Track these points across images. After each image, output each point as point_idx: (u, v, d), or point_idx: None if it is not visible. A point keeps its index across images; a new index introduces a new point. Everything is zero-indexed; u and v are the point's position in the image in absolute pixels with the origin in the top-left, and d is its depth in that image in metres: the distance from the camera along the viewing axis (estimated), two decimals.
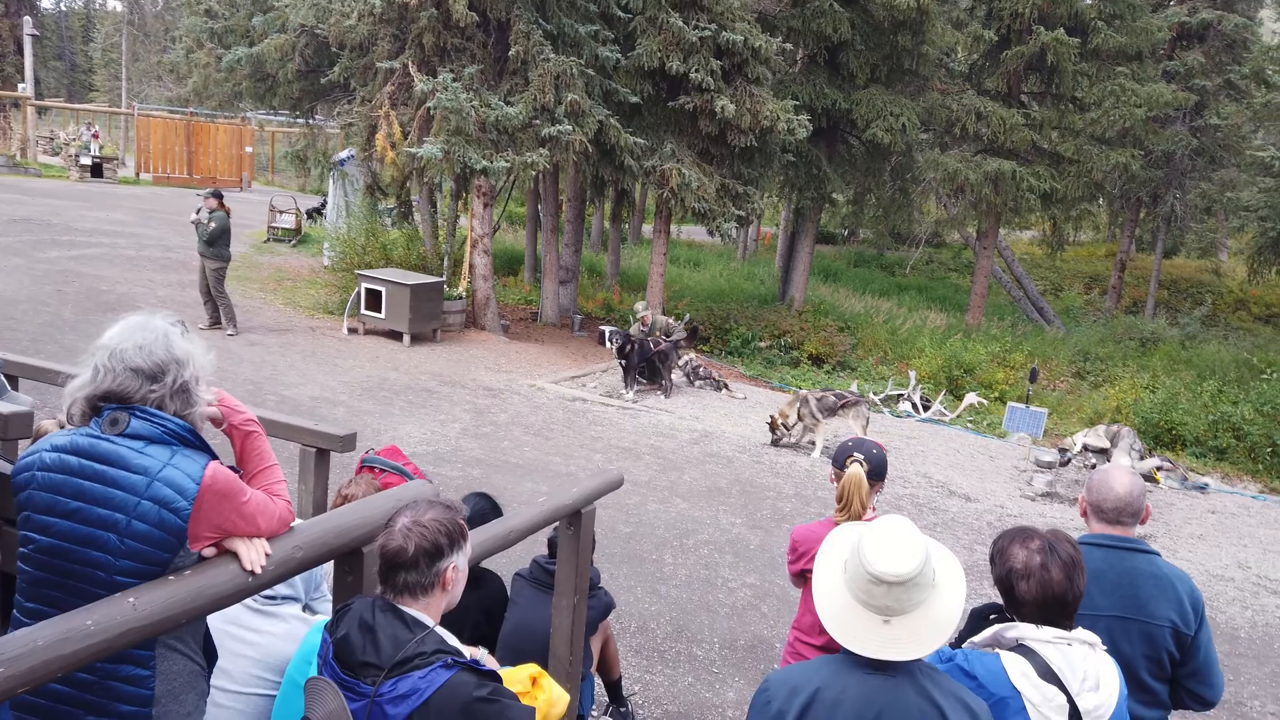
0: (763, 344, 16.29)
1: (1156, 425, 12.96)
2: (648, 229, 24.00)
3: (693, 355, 13.93)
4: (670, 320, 13.41)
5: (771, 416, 10.71)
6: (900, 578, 2.06)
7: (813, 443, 10.52)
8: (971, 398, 13.81)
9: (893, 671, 2.05)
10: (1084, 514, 3.10)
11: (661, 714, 4.72)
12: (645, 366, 12.33)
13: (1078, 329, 19.92)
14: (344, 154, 18.61)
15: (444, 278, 14.57)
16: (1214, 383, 13.67)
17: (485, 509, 3.54)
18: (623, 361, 12.12)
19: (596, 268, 21.87)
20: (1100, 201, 21.81)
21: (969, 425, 13.34)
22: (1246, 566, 8.38)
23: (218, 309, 11.98)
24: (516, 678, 2.27)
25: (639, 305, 13.65)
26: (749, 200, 14.80)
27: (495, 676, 2.07)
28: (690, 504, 8.14)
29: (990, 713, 2.12)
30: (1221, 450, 12.39)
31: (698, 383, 13.29)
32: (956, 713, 2.02)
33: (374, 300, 13.16)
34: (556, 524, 3.38)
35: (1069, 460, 9.97)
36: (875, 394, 13.88)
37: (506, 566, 4.35)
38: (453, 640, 2.09)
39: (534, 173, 13.38)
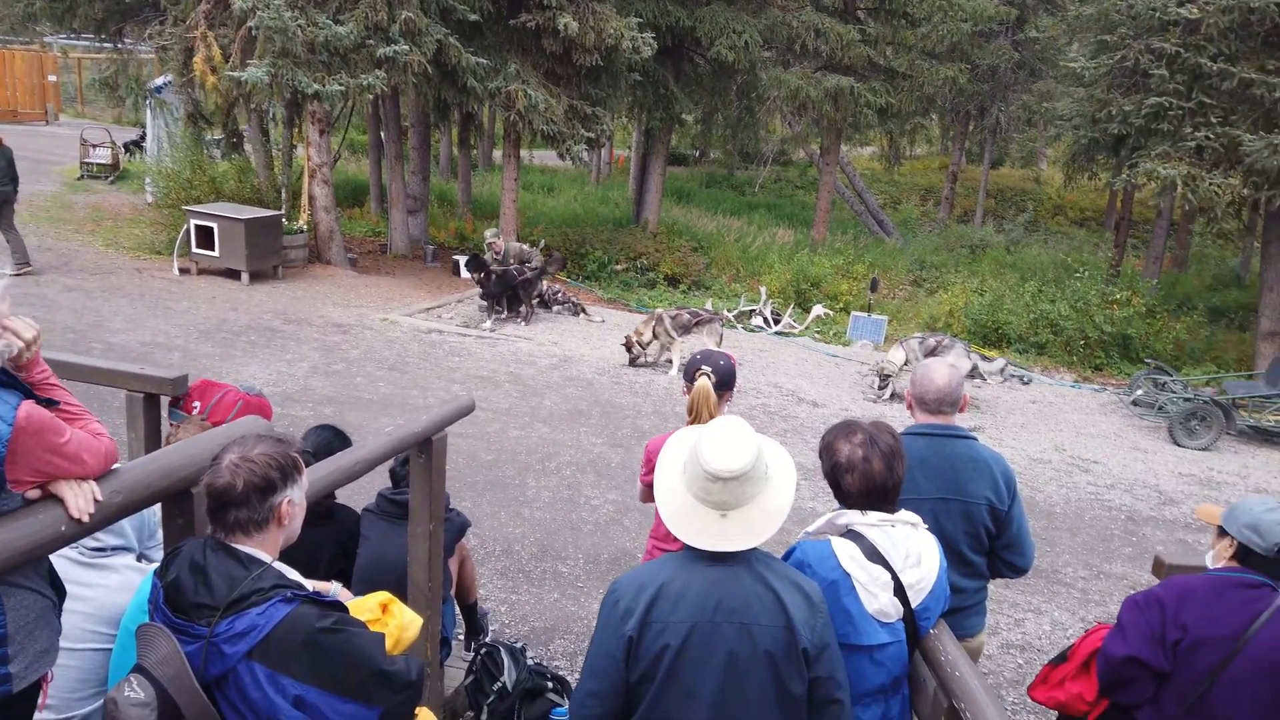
0: (619, 267, 16.35)
1: (985, 325, 13.89)
2: (499, 155, 23.45)
3: (548, 281, 13.84)
4: (525, 247, 13.22)
5: (627, 336, 10.85)
6: (734, 473, 2.16)
7: (670, 360, 10.73)
8: (818, 309, 14.36)
9: (731, 562, 2.16)
10: (910, 406, 3.32)
11: (529, 630, 4.82)
12: (509, 296, 12.18)
13: (914, 239, 20.94)
14: (160, 81, 17.12)
15: (282, 211, 13.82)
16: (1034, 284, 14.70)
17: (329, 440, 3.45)
18: (482, 290, 11.98)
19: (447, 196, 21.24)
20: (932, 116, 22.78)
21: (816, 336, 13.91)
22: (1062, 449, 9.20)
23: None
24: (365, 606, 2.25)
25: (489, 232, 13.38)
26: (598, 122, 14.61)
27: (340, 606, 2.05)
28: (551, 428, 8.19)
29: (822, 593, 2.26)
30: (1041, 345, 13.43)
31: (555, 308, 13.25)
32: (790, 594, 2.16)
33: (206, 237, 12.36)
34: (397, 456, 3.34)
35: (888, 384, 10.36)
36: (729, 311, 14.22)
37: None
38: (293, 575, 2.05)
39: (371, 96, 12.76)
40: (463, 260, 15.28)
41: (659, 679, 2.11)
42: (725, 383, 3.60)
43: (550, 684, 3.78)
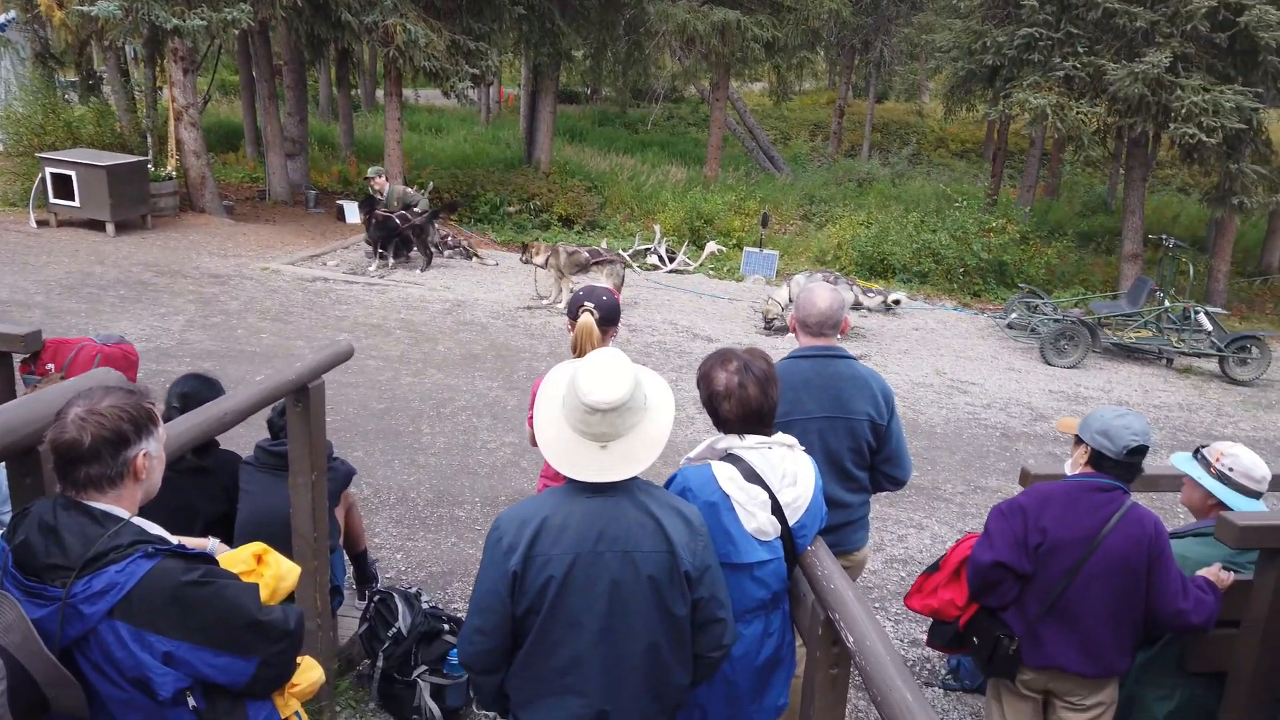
0: (512, 209, 16.07)
1: (871, 257, 14.27)
2: (382, 95, 22.55)
3: (439, 225, 13.51)
4: (409, 190, 12.82)
5: (525, 244, 10.97)
6: (613, 404, 2.17)
7: (562, 299, 10.70)
8: (712, 246, 14.49)
9: (612, 492, 2.19)
10: (794, 330, 3.40)
11: (426, 576, 4.80)
12: (397, 242, 11.84)
13: (804, 174, 21.23)
14: (2, 18, 15.77)
15: (148, 157, 13.02)
16: (916, 215, 15.14)
17: (197, 389, 3.32)
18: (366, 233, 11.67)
19: (328, 138, 20.38)
20: (819, 50, 22.91)
21: (710, 272, 14.05)
22: (942, 373, 9.60)
23: None
24: (239, 558, 2.19)
25: (372, 170, 12.90)
26: (483, 58, 14.18)
27: (208, 559, 1.99)
28: (445, 373, 8.08)
29: (701, 515, 2.32)
30: (924, 274, 13.90)
31: (447, 252, 12.97)
32: (670, 519, 2.21)
33: (64, 186, 11.55)
34: (275, 406, 3.24)
35: (772, 324, 10.59)
36: (624, 250, 14.20)
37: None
38: (156, 530, 1.97)
39: (238, 32, 12.04)
40: (347, 205, 14.77)
41: (544, 611, 2.14)
42: (609, 318, 3.60)
43: (447, 626, 3.78)
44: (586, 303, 3.61)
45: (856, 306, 11.11)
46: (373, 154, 18.65)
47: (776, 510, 2.56)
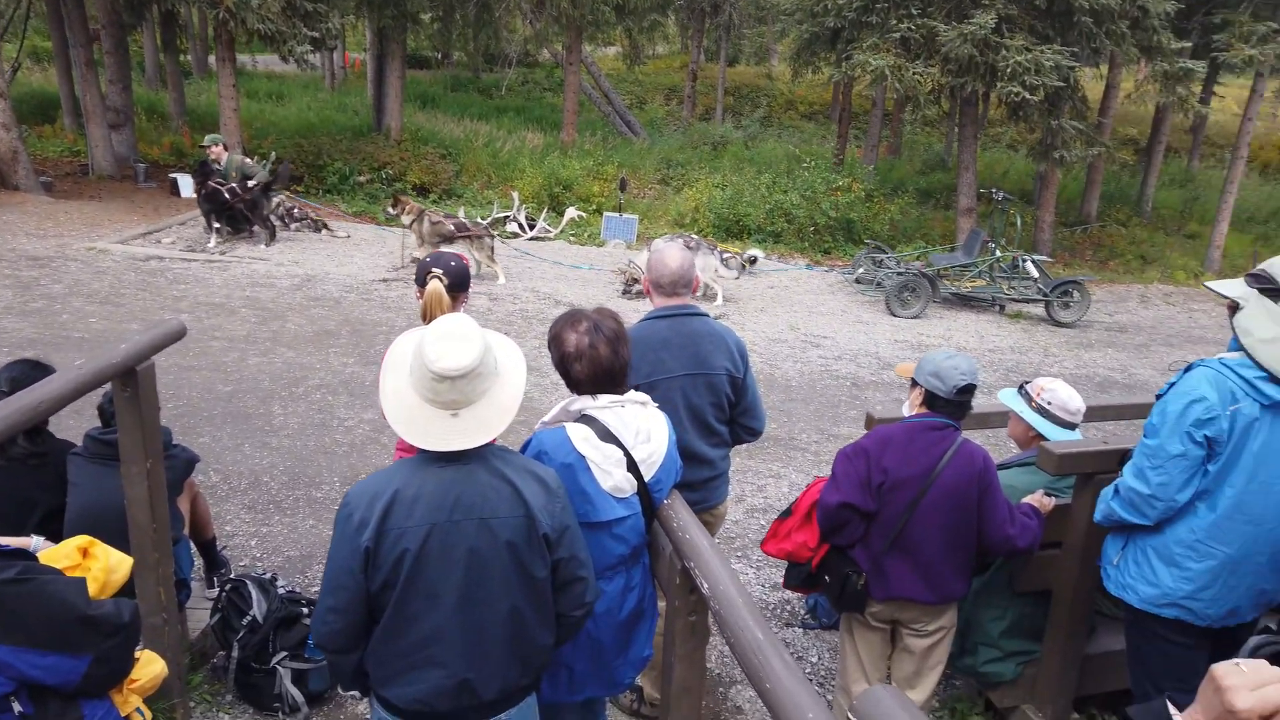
0: (362, 178, 15.49)
1: (727, 219, 14.55)
2: (215, 61, 21.17)
3: (284, 196, 12.90)
4: (248, 161, 12.14)
5: (397, 196, 10.82)
6: (462, 370, 2.12)
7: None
8: (572, 212, 14.42)
9: (466, 460, 2.16)
10: (648, 292, 3.43)
11: (283, 561, 4.64)
12: (233, 215, 11.22)
13: (661, 138, 21.35)
14: None
15: None
16: (769, 176, 15.52)
17: (27, 374, 3.07)
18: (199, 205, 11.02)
19: (157, 107, 19.04)
20: (669, 13, 22.99)
21: (571, 238, 14.00)
22: (796, 328, 9.94)
23: None
24: (61, 553, 2.06)
25: (208, 139, 12.16)
26: (322, 20, 13.51)
27: (25, 555, 1.87)
28: (297, 351, 7.77)
29: (558, 477, 2.33)
30: (778, 234, 14.30)
31: (294, 225, 12.42)
32: (526, 482, 2.20)
33: None
34: (106, 393, 3.04)
35: (636, 285, 10.69)
36: (482, 218, 13.95)
37: None
38: None
39: None
40: (182, 179, 13.88)
41: (400, 585, 2.09)
42: (459, 284, 3.53)
43: (306, 610, 3.67)
44: (434, 269, 3.53)
45: (726, 265, 11.23)
46: (208, 123, 17.55)
47: (632, 467, 2.60)
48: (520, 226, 14.07)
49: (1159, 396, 2.75)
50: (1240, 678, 1.22)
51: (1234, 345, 2.65)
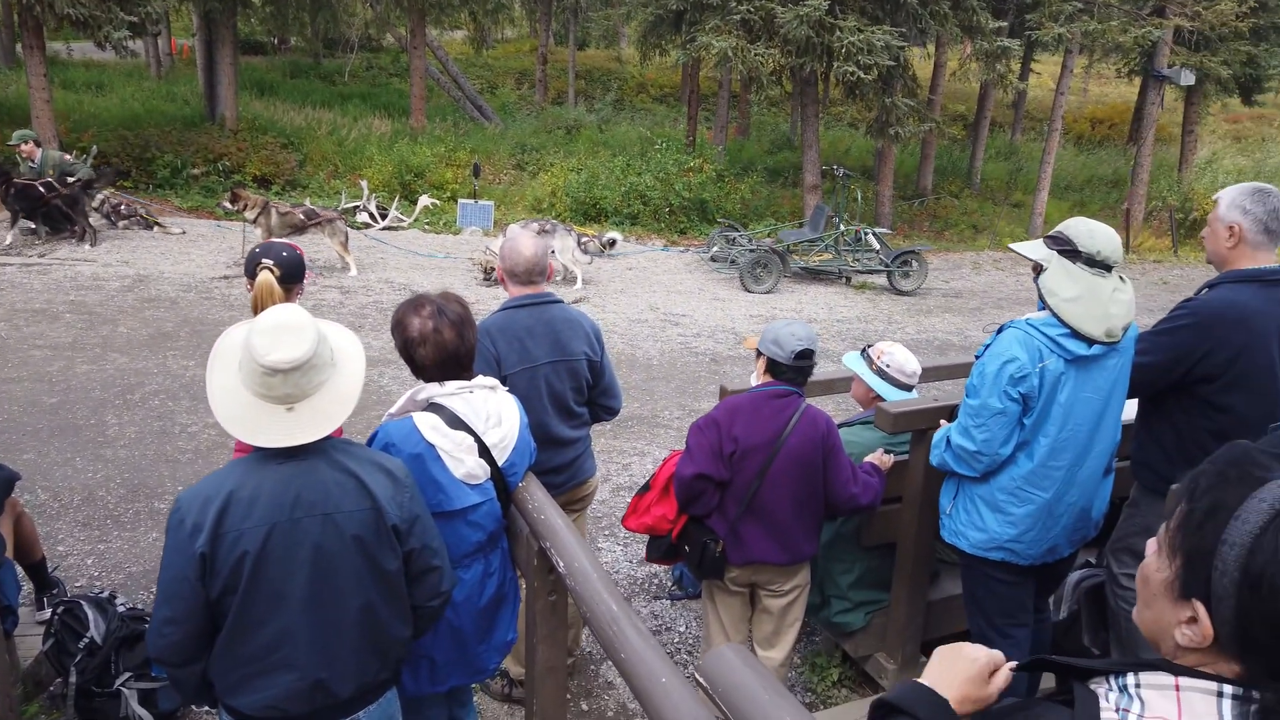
0: (197, 171, 14.65)
1: (584, 202, 14.57)
2: (22, 49, 19.44)
3: (109, 193, 12.05)
4: (66, 157, 11.27)
5: (235, 191, 10.25)
6: (295, 363, 2.05)
7: None
8: (425, 200, 14.10)
9: (305, 455, 2.08)
10: (503, 281, 3.40)
11: (125, 578, 4.38)
12: (46, 214, 10.40)
13: (514, 123, 21.11)
14: None
15: None
16: (622, 159, 15.62)
17: None
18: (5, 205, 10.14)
19: None
20: None
21: (426, 227, 13.70)
22: (656, 308, 10.09)
23: None
24: None
25: (17, 136, 11.21)
26: (142, 4, 12.65)
27: None
28: (130, 357, 7.30)
29: (405, 467, 2.29)
30: (634, 216, 14.44)
31: (122, 223, 11.63)
32: (371, 474, 2.15)
33: None
34: None
35: (494, 272, 10.66)
36: (332, 209, 13.45)
37: None
38: None
39: None
40: None
41: (242, 589, 2.01)
42: (292, 275, 3.41)
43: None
44: (265, 259, 3.39)
45: (584, 250, 11.22)
46: (17, 116, 16.11)
47: (484, 453, 2.59)
48: (371, 216, 13.65)
49: (977, 358, 2.95)
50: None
51: (1041, 305, 2.87)
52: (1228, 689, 1.03)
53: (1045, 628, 3.26)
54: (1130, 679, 1.09)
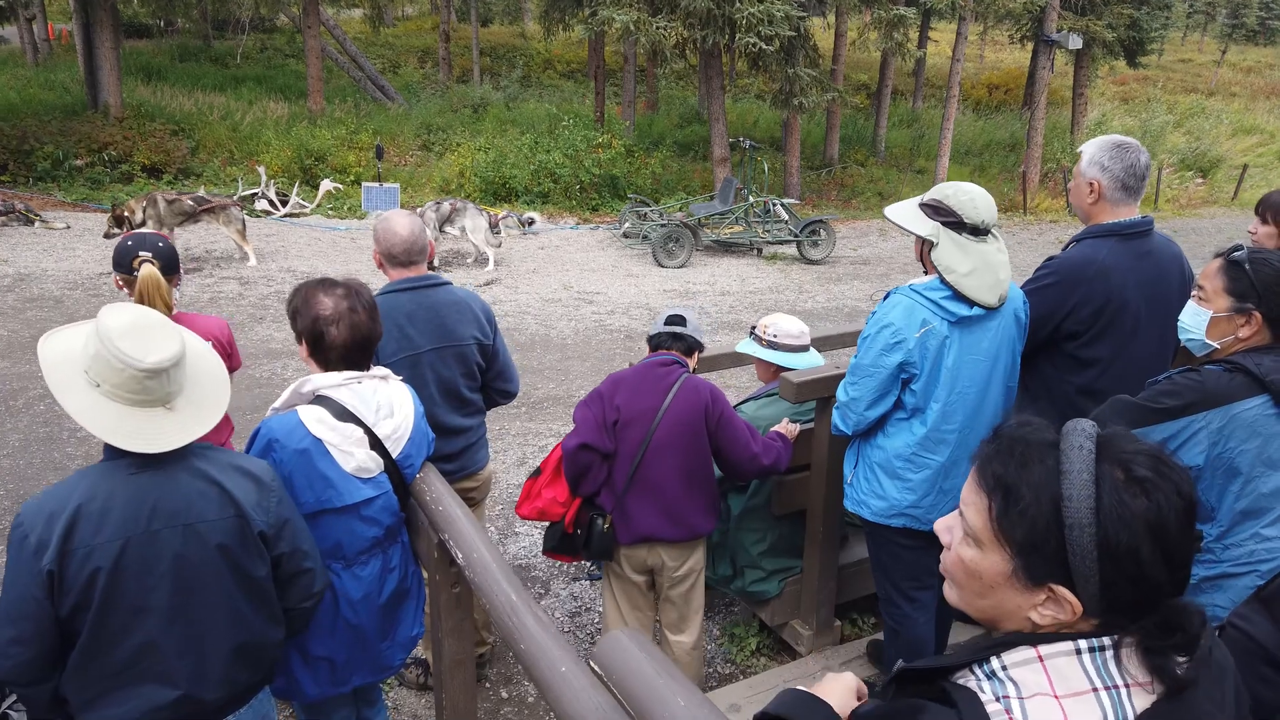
0: (80, 162, 13.92)
1: (493, 182, 14.34)
2: None
3: None
4: None
5: (115, 206, 9.63)
6: (175, 358, 1.94)
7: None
8: (327, 185, 13.66)
9: (162, 464, 1.96)
10: (380, 266, 3.25)
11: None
12: None
13: (419, 103, 20.62)
14: None
15: None
16: (530, 137, 15.40)
17: None
18: None
19: None
20: None
21: (330, 212, 13.30)
22: (570, 287, 10.00)
23: None
24: None
25: None
26: None
27: None
28: (12, 361, 6.92)
29: (270, 468, 2.19)
30: (545, 194, 14.27)
31: (0, 219, 10.98)
32: (234, 480, 2.05)
33: None
34: None
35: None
36: (229, 196, 12.94)
37: None
38: None
39: None
40: None
41: (96, 605, 1.90)
42: (171, 266, 3.25)
43: None
44: (142, 252, 3.22)
45: (494, 229, 11.02)
46: None
47: (377, 445, 2.50)
48: (271, 203, 13.19)
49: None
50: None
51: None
52: (1083, 644, 1.04)
53: None
54: (995, 664, 1.08)
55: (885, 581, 3.17)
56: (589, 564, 4.69)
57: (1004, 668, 1.07)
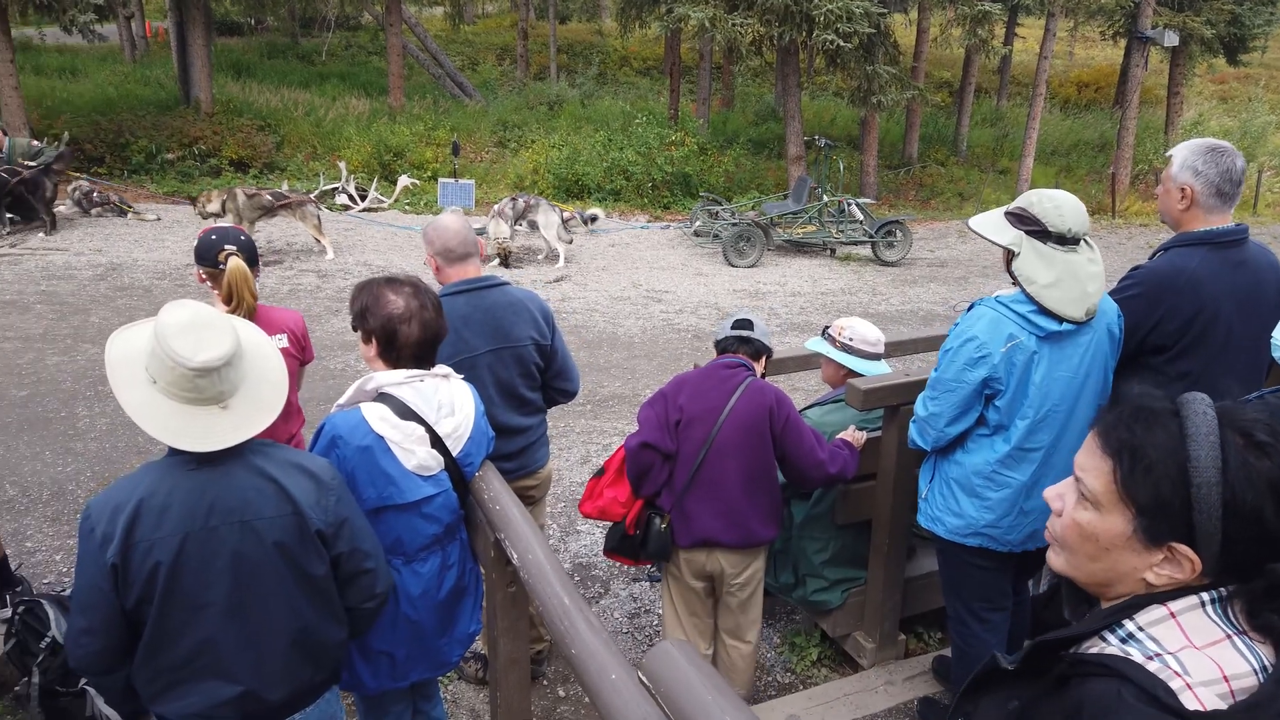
0: (171, 156, 14.45)
1: (566, 179, 14.41)
2: None
3: (83, 180, 11.88)
4: (34, 143, 11.09)
5: (193, 198, 9.98)
6: (225, 357, 1.96)
7: None
8: (405, 180, 13.93)
9: (221, 461, 1.99)
10: (436, 270, 3.23)
11: None
12: (11, 202, 10.23)
13: (496, 100, 20.87)
14: None
15: None
16: (604, 134, 15.43)
17: None
18: None
19: None
20: None
21: (407, 208, 13.55)
22: (639, 285, 9.99)
23: None
24: None
25: None
26: None
27: None
28: (102, 347, 7.16)
29: (332, 467, 2.21)
30: (617, 192, 14.29)
31: (94, 210, 11.46)
32: (292, 479, 2.06)
33: None
34: None
35: (509, 258, 10.57)
36: (310, 192, 13.29)
37: None
38: None
39: None
40: None
41: (158, 599, 1.94)
42: (252, 259, 3.32)
43: None
44: (227, 246, 3.30)
45: (567, 226, 11.04)
46: None
47: (438, 443, 2.51)
48: (351, 198, 13.49)
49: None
50: None
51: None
52: (1205, 596, 1.10)
53: (1024, 610, 3.20)
54: (1130, 625, 1.12)
55: (956, 600, 3.07)
56: (650, 566, 4.67)
57: (1140, 628, 1.11)
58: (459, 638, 2.69)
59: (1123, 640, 1.11)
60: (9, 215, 10.24)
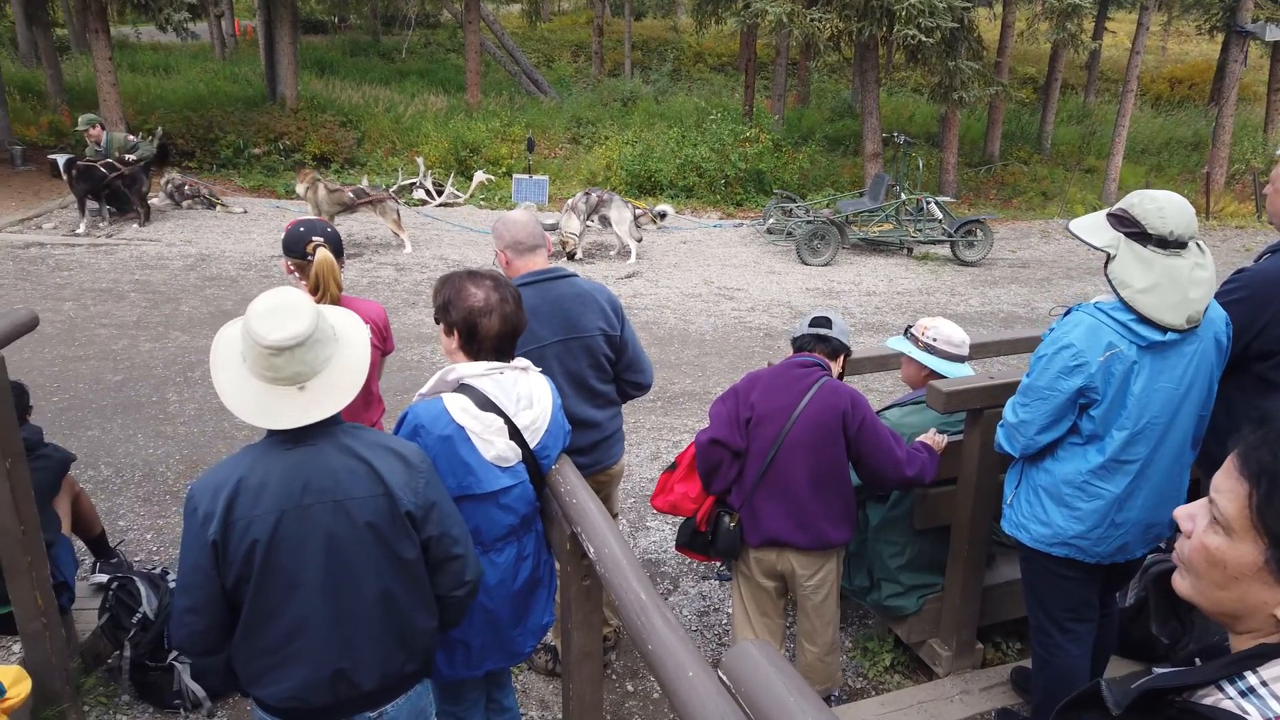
0: (258, 150, 14.91)
1: (638, 176, 14.42)
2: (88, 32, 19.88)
3: (175, 174, 12.34)
4: (131, 138, 11.55)
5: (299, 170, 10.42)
6: (298, 338, 2.00)
7: None
8: (480, 176, 14.11)
9: (313, 440, 2.04)
10: (505, 264, 3.26)
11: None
12: (109, 194, 10.68)
13: (570, 96, 21.01)
14: None
15: None
16: (677, 131, 15.39)
17: None
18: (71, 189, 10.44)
19: (32, 86, 17.94)
20: None
21: (482, 203, 13.73)
22: (710, 282, 9.95)
23: None
24: None
25: (84, 119, 11.52)
26: None
27: None
28: (191, 335, 7.47)
29: (421, 451, 2.23)
30: (690, 189, 14.24)
31: (185, 203, 11.89)
32: (382, 460, 2.09)
33: None
34: None
35: (575, 253, 10.65)
36: (389, 186, 13.57)
37: None
38: None
39: None
40: (61, 159, 13.14)
41: (255, 578, 1.99)
42: (338, 251, 3.40)
43: None
44: (315, 237, 3.38)
45: (637, 222, 11.06)
46: (88, 100, 16.60)
47: (515, 435, 2.53)
48: (428, 193, 13.74)
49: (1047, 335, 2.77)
50: None
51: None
52: None
53: (1111, 622, 3.08)
54: (1252, 679, 1.02)
55: (1039, 609, 2.97)
56: (719, 564, 4.65)
57: (1263, 683, 1.01)
58: (532, 629, 2.71)
59: (1242, 694, 1.02)
60: (107, 208, 10.68)
